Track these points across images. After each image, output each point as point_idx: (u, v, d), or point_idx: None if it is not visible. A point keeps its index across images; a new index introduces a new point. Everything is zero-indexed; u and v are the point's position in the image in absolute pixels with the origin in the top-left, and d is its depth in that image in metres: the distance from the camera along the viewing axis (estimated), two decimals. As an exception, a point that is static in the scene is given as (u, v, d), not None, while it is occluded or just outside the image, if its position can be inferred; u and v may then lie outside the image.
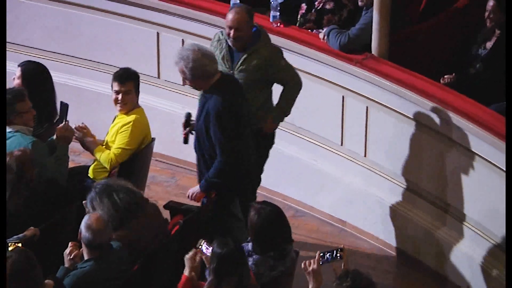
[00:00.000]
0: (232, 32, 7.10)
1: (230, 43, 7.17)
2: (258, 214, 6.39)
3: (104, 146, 7.53)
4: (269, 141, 7.62)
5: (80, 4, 9.26)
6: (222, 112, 6.80)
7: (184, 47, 7.09)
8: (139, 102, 7.65)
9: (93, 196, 6.52)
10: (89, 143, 7.50)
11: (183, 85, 7.02)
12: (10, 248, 6.18)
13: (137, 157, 7.60)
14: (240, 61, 7.16)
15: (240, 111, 6.97)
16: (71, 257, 6.21)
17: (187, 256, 6.14)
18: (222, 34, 7.32)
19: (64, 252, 6.24)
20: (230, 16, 7.14)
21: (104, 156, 7.42)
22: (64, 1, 9.32)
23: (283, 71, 7.29)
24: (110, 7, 9.13)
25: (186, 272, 6.14)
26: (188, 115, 7.28)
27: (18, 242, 6.35)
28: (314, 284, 5.89)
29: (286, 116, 7.47)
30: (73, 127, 7.62)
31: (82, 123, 7.52)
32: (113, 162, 7.42)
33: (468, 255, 7.69)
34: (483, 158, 7.25)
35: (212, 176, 7.07)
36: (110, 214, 6.41)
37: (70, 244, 6.26)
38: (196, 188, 7.21)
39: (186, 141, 7.36)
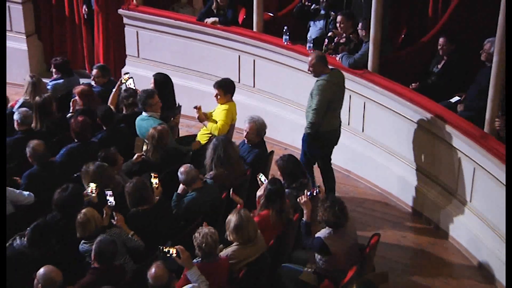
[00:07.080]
0: (308, 67, 7.56)
1: None
2: (281, 159, 6.79)
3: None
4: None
5: (192, 38, 9.64)
6: None
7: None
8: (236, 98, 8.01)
9: (216, 144, 6.82)
10: (204, 119, 7.77)
11: None
12: (153, 175, 6.48)
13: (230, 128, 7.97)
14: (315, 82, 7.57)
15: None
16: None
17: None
18: None
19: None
20: (308, 58, 7.58)
21: (214, 127, 7.72)
22: (183, 36, 9.66)
23: (314, 99, 7.38)
24: (210, 39, 9.51)
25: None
26: None
27: (156, 174, 6.47)
28: (306, 210, 6.16)
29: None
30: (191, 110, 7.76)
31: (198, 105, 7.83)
32: (219, 130, 7.64)
33: (422, 192, 7.78)
34: (435, 134, 7.47)
35: None
36: (212, 161, 6.81)
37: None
38: None
39: None
